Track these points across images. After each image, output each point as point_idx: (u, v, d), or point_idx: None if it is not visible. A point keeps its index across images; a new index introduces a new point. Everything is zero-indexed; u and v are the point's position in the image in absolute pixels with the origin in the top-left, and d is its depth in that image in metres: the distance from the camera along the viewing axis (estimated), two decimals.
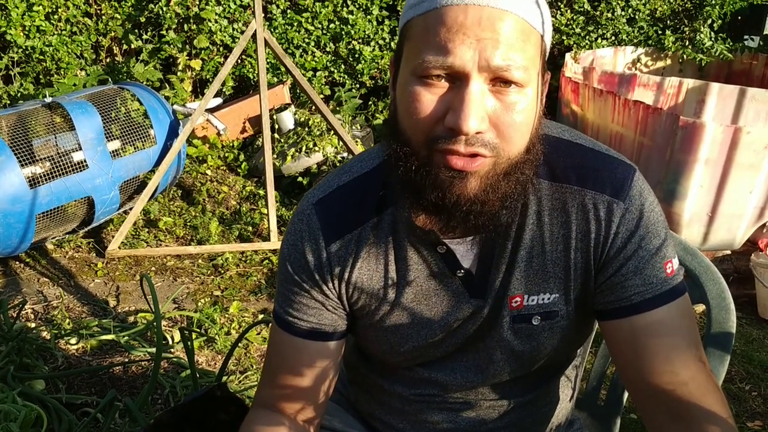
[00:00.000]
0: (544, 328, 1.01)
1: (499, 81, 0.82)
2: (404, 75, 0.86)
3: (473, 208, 0.87)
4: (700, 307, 1.32)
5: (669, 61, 5.07)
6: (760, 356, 2.91)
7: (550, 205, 0.96)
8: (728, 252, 3.49)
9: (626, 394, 1.37)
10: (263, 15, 4.55)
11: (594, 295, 0.99)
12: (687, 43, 4.96)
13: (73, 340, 2.72)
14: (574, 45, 5.02)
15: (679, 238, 1.31)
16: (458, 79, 0.81)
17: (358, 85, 5.08)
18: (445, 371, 1.08)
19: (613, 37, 5.10)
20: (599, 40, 5.06)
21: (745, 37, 5.08)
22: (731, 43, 4.91)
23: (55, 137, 3.33)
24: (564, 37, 5.02)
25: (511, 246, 0.97)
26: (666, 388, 0.92)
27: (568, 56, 4.48)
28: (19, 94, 4.45)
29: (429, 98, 0.83)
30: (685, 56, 4.93)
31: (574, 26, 5.02)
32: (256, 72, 3.67)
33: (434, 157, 0.85)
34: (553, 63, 5.13)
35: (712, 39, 4.89)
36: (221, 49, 4.84)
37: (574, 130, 1.04)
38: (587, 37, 5.04)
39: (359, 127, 4.69)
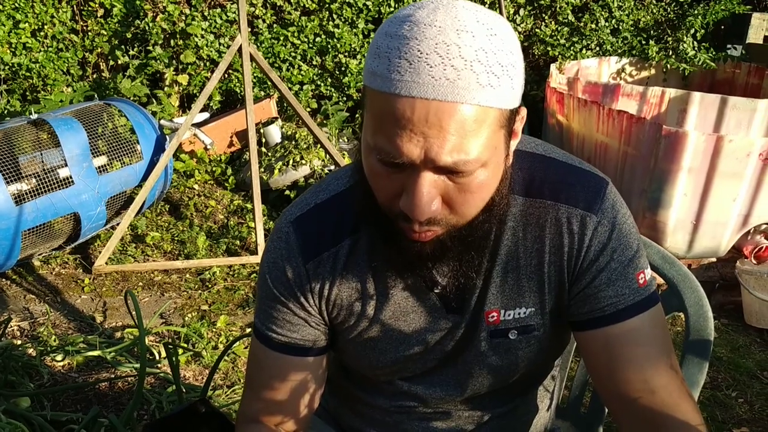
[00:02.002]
0: (521, 342, 1.02)
1: (450, 172, 0.80)
2: (365, 137, 0.85)
3: (434, 261, 0.92)
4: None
5: (653, 71, 5.11)
6: (747, 363, 2.93)
7: (525, 220, 0.97)
8: (713, 259, 3.52)
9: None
10: (249, 29, 4.58)
11: (568, 307, 1.00)
12: (670, 52, 5.01)
13: (59, 357, 2.70)
14: (559, 56, 5.06)
15: (657, 247, 1.32)
16: (409, 166, 0.80)
17: (344, 98, 5.09)
18: (425, 385, 1.09)
19: (598, 48, 5.14)
20: (584, 51, 5.10)
21: (728, 46, 5.13)
22: (714, 53, 4.96)
23: (41, 154, 3.33)
24: (549, 48, 5.06)
25: (487, 262, 0.98)
26: (639, 397, 0.93)
27: (553, 67, 4.51)
28: (5, 111, 4.45)
29: (385, 175, 0.83)
30: (668, 66, 4.98)
31: (558, 37, 5.06)
32: (243, 86, 3.68)
33: (397, 221, 0.87)
34: (538, 74, 5.17)
35: (695, 48, 4.93)
36: (208, 63, 4.85)
37: (547, 143, 1.05)
38: (572, 48, 5.08)
39: (346, 140, 4.70)
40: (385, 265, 0.99)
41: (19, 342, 2.84)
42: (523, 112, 0.87)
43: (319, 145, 4.17)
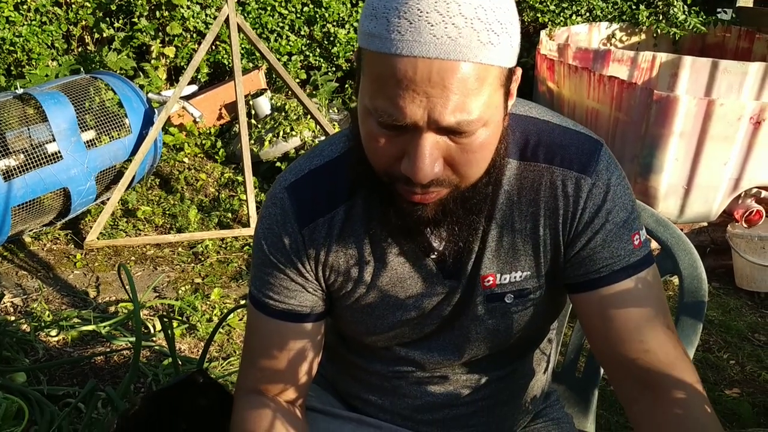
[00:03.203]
0: (517, 306, 1.03)
1: (453, 132, 0.80)
2: (362, 104, 0.84)
3: (435, 225, 0.92)
4: (677, 279, 1.33)
5: (643, 36, 5.09)
6: (738, 325, 2.96)
7: (519, 184, 0.97)
8: (705, 224, 3.53)
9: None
10: (236, 0, 4.52)
11: (564, 270, 1.00)
12: (661, 17, 4.98)
13: (54, 332, 2.70)
14: (549, 22, 5.02)
15: (651, 211, 1.32)
16: (411, 128, 0.79)
17: (334, 68, 5.05)
18: (422, 350, 1.09)
19: (588, 14, 5.10)
20: (574, 17, 5.06)
21: (718, 10, 5.10)
22: (704, 17, 4.93)
23: (29, 129, 3.29)
24: (539, 15, 5.02)
25: (483, 227, 0.98)
26: (635, 357, 0.94)
27: (543, 33, 4.48)
28: None
29: (385, 138, 0.82)
30: (659, 30, 4.95)
31: (548, 3, 5.01)
32: (231, 58, 3.64)
33: (395, 186, 0.87)
34: (528, 41, 5.13)
35: (686, 13, 4.90)
36: (195, 35, 4.79)
37: (541, 106, 1.04)
38: (562, 14, 5.04)
39: (336, 111, 4.67)
40: (381, 231, 0.98)
41: (12, 318, 2.84)
42: (518, 72, 0.87)
43: (309, 116, 4.14)
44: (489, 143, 0.84)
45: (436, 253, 0.99)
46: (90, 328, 2.72)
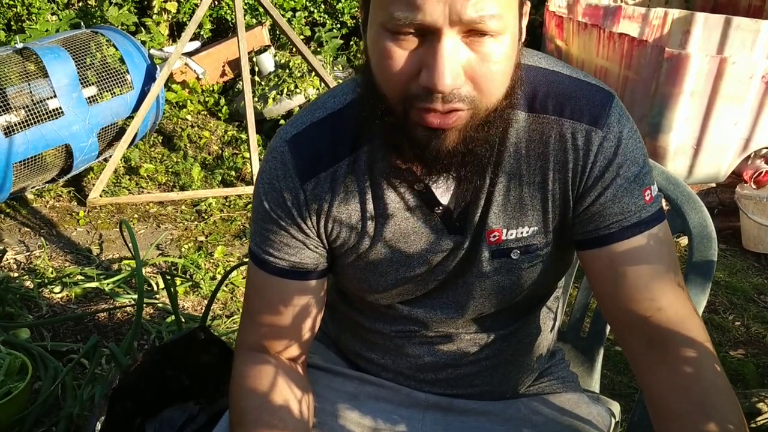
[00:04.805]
0: (523, 262, 1.00)
1: (473, 33, 0.77)
2: (374, 26, 0.81)
3: (453, 159, 0.87)
4: (685, 240, 1.31)
5: None
6: (744, 287, 2.94)
7: (528, 137, 0.94)
8: (713, 185, 3.50)
9: (609, 327, 1.38)
10: None
11: (572, 226, 0.97)
12: None
13: (57, 289, 2.70)
14: None
15: (661, 168, 1.29)
16: (430, 33, 0.77)
17: (338, 25, 4.97)
18: (425, 308, 1.07)
19: None
20: None
21: None
22: None
23: (29, 84, 3.25)
24: None
25: (489, 181, 0.95)
26: (644, 315, 0.91)
27: None
28: None
29: (401, 54, 0.79)
30: None
31: None
32: (234, 13, 3.58)
33: (411, 114, 0.83)
34: None
35: None
36: None
37: (551, 57, 1.01)
38: None
39: (341, 68, 4.61)
40: (385, 185, 0.96)
41: (15, 275, 2.84)
42: (527, 8, 0.86)
43: (313, 74, 4.09)
44: (507, 57, 0.81)
45: (441, 208, 0.97)
46: (93, 285, 2.72)
